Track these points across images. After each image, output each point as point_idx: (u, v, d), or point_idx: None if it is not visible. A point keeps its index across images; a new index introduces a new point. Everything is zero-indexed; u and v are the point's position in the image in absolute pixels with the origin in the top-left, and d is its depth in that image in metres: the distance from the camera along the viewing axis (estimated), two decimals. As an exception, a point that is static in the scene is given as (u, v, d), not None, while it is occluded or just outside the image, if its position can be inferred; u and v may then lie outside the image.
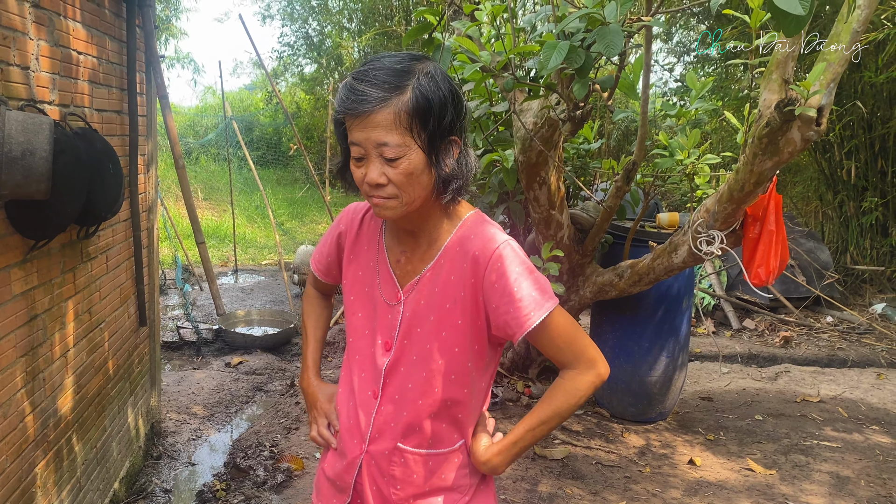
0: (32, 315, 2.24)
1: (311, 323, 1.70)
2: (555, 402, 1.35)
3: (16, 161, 1.78)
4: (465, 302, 1.34)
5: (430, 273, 1.37)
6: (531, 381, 4.49)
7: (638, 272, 3.58)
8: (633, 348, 3.98)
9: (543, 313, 1.29)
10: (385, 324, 1.42)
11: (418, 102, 1.21)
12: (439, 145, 1.25)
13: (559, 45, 2.15)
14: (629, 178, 3.41)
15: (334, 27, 15.85)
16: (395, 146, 1.21)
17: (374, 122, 1.20)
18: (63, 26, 2.42)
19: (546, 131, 3.23)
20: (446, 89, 1.25)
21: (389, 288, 1.42)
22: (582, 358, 1.34)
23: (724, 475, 3.49)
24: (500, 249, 1.30)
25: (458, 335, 1.35)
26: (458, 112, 1.27)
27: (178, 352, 5.56)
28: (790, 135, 2.58)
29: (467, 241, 1.34)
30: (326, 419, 1.56)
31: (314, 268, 1.63)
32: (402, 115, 1.20)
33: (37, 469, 2.31)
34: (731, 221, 3.07)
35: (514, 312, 1.29)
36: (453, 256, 1.35)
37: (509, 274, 1.29)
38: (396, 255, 1.43)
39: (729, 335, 6.14)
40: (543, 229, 3.73)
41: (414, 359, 1.38)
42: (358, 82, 1.21)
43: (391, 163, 1.22)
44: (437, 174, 1.27)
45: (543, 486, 3.34)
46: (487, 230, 1.35)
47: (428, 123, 1.22)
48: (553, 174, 3.52)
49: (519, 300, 1.29)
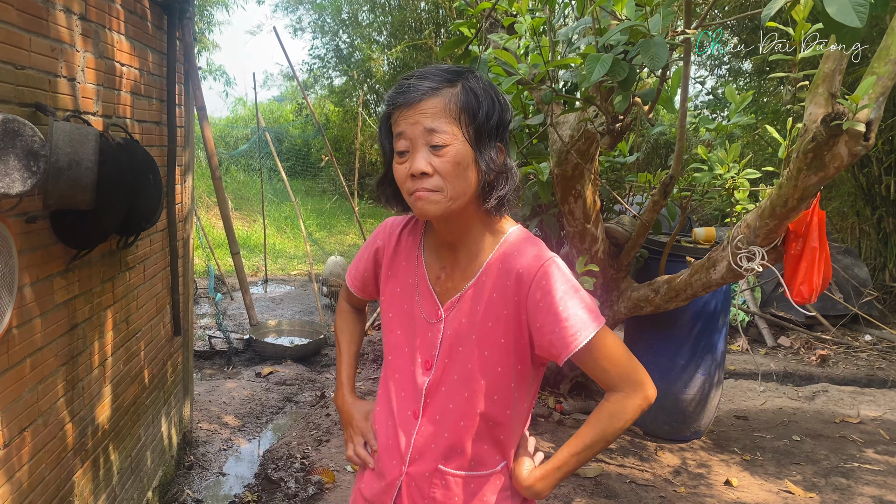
0: (73, 324, 2.26)
1: (344, 339, 1.67)
2: (600, 426, 1.31)
3: (62, 171, 1.80)
4: (509, 320, 1.30)
5: (471, 290, 1.34)
6: (563, 397, 4.43)
7: (675, 288, 3.52)
8: (667, 365, 3.92)
9: (590, 333, 1.25)
10: (425, 342, 1.39)
11: (468, 96, 1.22)
12: (486, 145, 1.24)
13: (602, 57, 2.12)
14: (666, 193, 3.36)
15: (364, 40, 15.97)
16: (443, 132, 1.21)
17: (423, 108, 1.21)
18: (108, 38, 2.45)
19: (583, 144, 3.20)
20: (494, 94, 1.26)
21: (429, 305, 1.39)
22: (629, 380, 1.29)
23: (763, 497, 3.40)
24: (546, 266, 1.26)
25: (501, 354, 1.32)
26: (503, 116, 1.27)
27: (210, 361, 5.59)
28: (837, 149, 2.52)
29: (511, 257, 1.30)
30: (363, 438, 1.52)
31: (350, 283, 1.60)
32: (451, 105, 1.21)
33: (74, 477, 2.32)
34: (772, 237, 3.01)
35: (559, 332, 1.25)
36: (496, 273, 1.31)
37: (555, 292, 1.25)
38: (436, 272, 1.40)
39: (763, 352, 6.02)
40: (578, 243, 3.69)
41: (455, 378, 1.35)
42: (409, 79, 1.25)
43: (437, 150, 1.21)
44: (482, 173, 1.25)
45: None
46: (532, 246, 1.31)
47: (476, 118, 1.22)
48: (589, 187, 3.49)
49: (565, 319, 1.24)
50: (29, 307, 1.93)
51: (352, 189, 9.83)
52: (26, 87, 1.85)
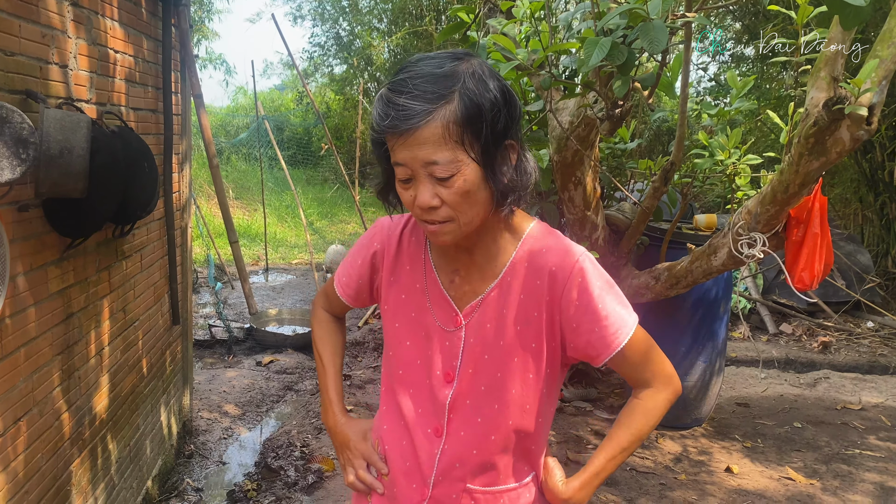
0: (68, 313, 2.25)
1: (327, 351, 1.49)
2: (634, 425, 1.24)
3: (54, 159, 1.78)
4: (540, 322, 1.21)
5: (494, 292, 1.23)
6: (563, 385, 4.42)
7: (675, 275, 3.50)
8: (668, 353, 3.82)
9: (630, 331, 1.19)
10: (443, 352, 1.26)
11: (468, 110, 1.05)
12: (495, 154, 1.10)
13: (601, 41, 2.09)
14: (667, 179, 3.33)
15: (364, 27, 15.89)
16: (447, 163, 1.06)
17: (420, 139, 1.05)
18: (101, 25, 2.42)
19: (582, 130, 3.17)
20: (496, 89, 1.09)
21: (445, 312, 1.27)
22: (660, 375, 1.24)
23: (764, 484, 3.40)
24: (581, 263, 1.18)
25: (533, 360, 1.22)
26: (511, 112, 1.11)
27: (210, 350, 5.59)
28: (839, 134, 2.49)
29: (539, 255, 1.20)
30: (365, 460, 1.38)
31: (341, 292, 1.43)
32: (451, 128, 1.04)
33: (72, 467, 2.31)
34: (773, 224, 2.99)
35: (599, 332, 1.18)
36: (522, 272, 1.21)
37: (592, 289, 1.17)
38: (449, 275, 1.28)
39: (765, 339, 6.00)
40: (578, 230, 3.67)
41: (482, 389, 1.24)
42: (397, 95, 1.05)
43: (444, 182, 1.08)
44: (495, 188, 1.11)
45: (577, 492, 3.28)
46: (561, 242, 1.22)
47: (481, 132, 1.07)
48: (589, 174, 3.46)
49: (604, 318, 1.17)
50: (22, 296, 1.91)
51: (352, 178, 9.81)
52: (16, 73, 1.83)
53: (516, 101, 1.13)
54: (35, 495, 2.04)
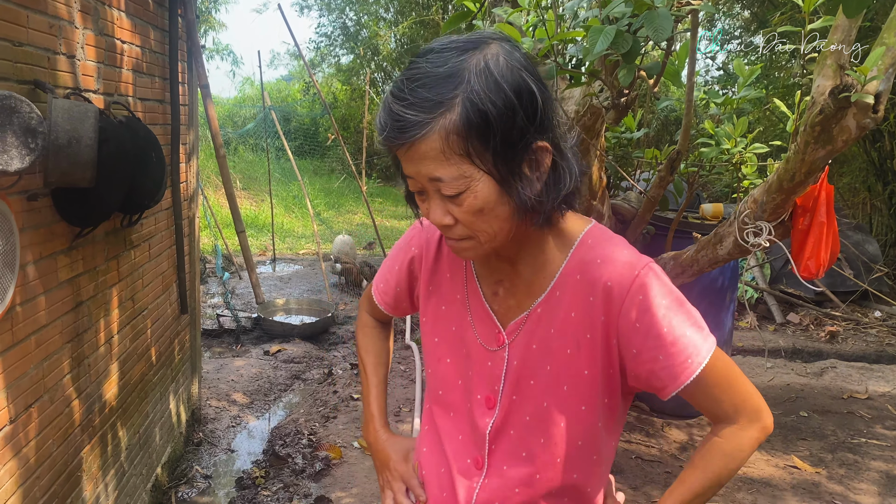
0: (78, 302, 2.27)
1: (370, 360, 1.38)
2: (711, 468, 1.05)
3: (62, 149, 1.80)
4: (594, 346, 1.04)
5: (541, 309, 1.07)
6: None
7: (681, 264, 3.50)
8: (674, 341, 3.91)
9: (704, 359, 1.00)
10: (484, 374, 1.12)
11: (470, 118, 0.88)
12: (515, 162, 0.93)
13: (605, 29, 2.09)
14: (673, 168, 3.33)
15: (371, 17, 15.86)
16: (452, 180, 0.92)
17: (419, 153, 0.91)
18: (108, 15, 2.44)
19: (588, 119, 3.17)
20: (512, 83, 0.90)
21: (487, 328, 1.12)
22: (744, 409, 1.04)
23: (769, 472, 3.41)
24: (643, 276, 1.00)
25: (585, 389, 1.05)
26: (534, 109, 0.92)
27: (218, 339, 5.63)
28: (845, 122, 2.48)
29: (593, 266, 1.03)
30: (404, 484, 1.26)
31: (379, 300, 1.32)
32: (451, 140, 0.89)
33: (82, 454, 2.35)
34: (779, 212, 2.98)
35: (665, 360, 1.00)
36: (573, 287, 1.05)
37: (656, 309, 0.99)
38: (492, 287, 1.13)
39: (772, 329, 6.00)
40: (584, 220, 3.67)
41: (527, 420, 1.09)
42: (395, 101, 0.91)
43: (453, 199, 0.94)
44: (517, 201, 0.95)
45: (582, 480, 3.30)
46: (620, 251, 1.04)
47: (489, 141, 0.90)
48: (595, 164, 3.46)
49: (671, 343, 0.99)
50: (32, 285, 1.94)
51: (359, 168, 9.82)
52: (25, 63, 1.84)
53: (545, 96, 0.94)
54: (46, 481, 2.07)
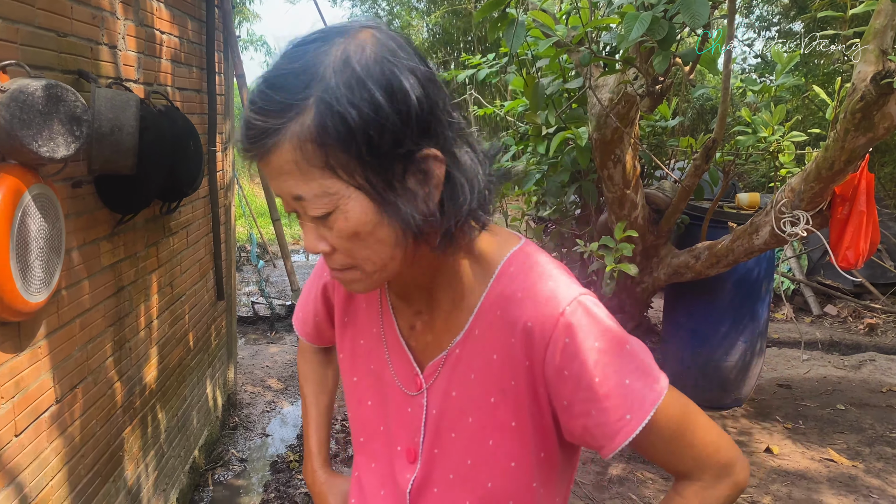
0: (119, 287, 2.33)
1: (310, 388, 1.23)
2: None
3: (105, 136, 1.84)
4: (520, 394, 0.85)
5: (459, 349, 0.89)
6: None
7: (716, 254, 3.47)
8: (708, 333, 3.87)
9: (648, 412, 0.80)
10: (403, 422, 0.95)
11: (325, 123, 0.70)
12: (394, 174, 0.74)
13: (641, 15, 2.08)
14: (708, 157, 3.29)
15: (403, 6, 15.87)
16: (315, 198, 0.74)
17: (274, 167, 0.73)
18: (148, 6, 2.48)
19: (622, 107, 3.14)
20: (380, 79, 0.71)
21: (404, 368, 0.94)
22: (709, 464, 0.85)
23: (805, 465, 3.37)
24: (568, 316, 0.80)
25: (513, 444, 0.87)
26: (409, 111, 0.72)
27: (253, 326, 5.72)
28: (887, 109, 2.43)
29: (513, 302, 0.84)
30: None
31: (299, 329, 1.17)
32: (307, 150, 0.71)
33: (124, 434, 2.41)
34: (818, 201, 2.93)
35: (598, 416, 0.81)
36: (494, 325, 0.86)
37: (586, 354, 0.80)
38: (409, 319, 0.95)
39: (809, 321, 5.90)
40: (617, 209, 3.65)
41: (450, 478, 0.91)
42: (249, 105, 0.75)
43: (324, 222, 0.76)
44: (401, 223, 0.76)
45: (614, 470, 3.30)
46: (543, 283, 0.83)
47: (353, 151, 0.71)
48: (629, 152, 3.43)
49: (605, 396, 0.80)
50: (77, 269, 1.99)
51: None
52: (69, 54, 1.89)
53: (431, 95, 0.75)
54: (90, 459, 2.14)
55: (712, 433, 0.86)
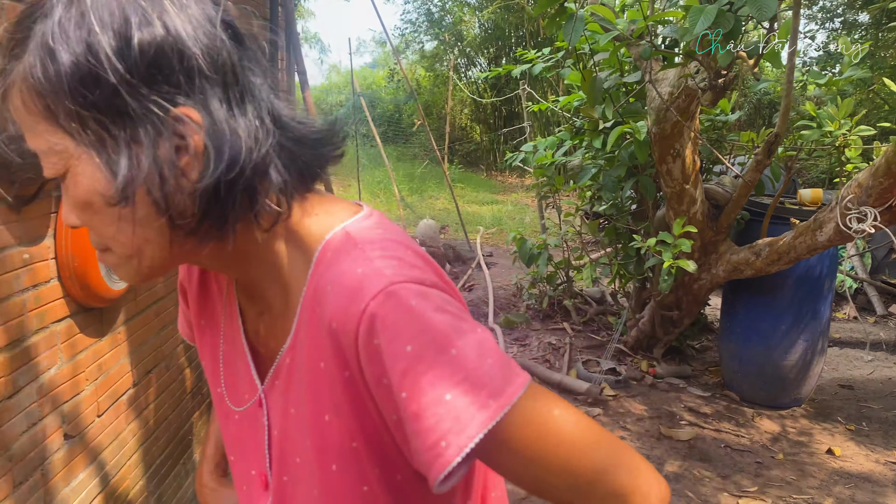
0: (190, 276, 2.42)
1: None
2: None
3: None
4: (351, 410, 0.69)
5: (290, 358, 0.75)
6: (656, 361, 4.38)
7: (777, 250, 3.40)
8: (767, 330, 3.80)
9: (471, 437, 0.61)
10: (254, 441, 0.82)
11: (44, 64, 0.59)
12: (131, 135, 0.61)
13: (706, 9, 2.06)
14: (770, 152, 3.23)
15: (456, 2, 15.89)
16: (44, 155, 0.64)
17: (13, 117, 0.64)
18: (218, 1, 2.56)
19: (682, 101, 3.11)
20: (114, 16, 0.59)
21: (247, 381, 0.82)
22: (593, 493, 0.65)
23: (868, 467, 3.28)
24: (371, 311, 0.63)
25: (360, 466, 0.71)
26: (169, 57, 0.60)
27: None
28: (962, 102, 2.36)
29: (325, 296, 0.68)
30: None
31: (183, 333, 1.02)
32: (28, 97, 0.61)
33: (192, 418, 2.51)
34: (886, 197, 2.86)
35: (415, 441, 0.63)
36: (315, 326, 0.70)
37: (394, 361, 0.62)
38: (254, 321, 0.82)
39: (872, 321, 5.73)
40: (675, 204, 3.62)
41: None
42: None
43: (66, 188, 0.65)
44: (145, 198, 0.62)
45: (670, 467, 3.27)
46: (353, 268, 0.67)
47: (78, 100, 0.60)
48: (688, 147, 3.39)
49: (415, 417, 0.62)
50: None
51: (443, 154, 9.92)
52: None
53: (209, 42, 0.62)
54: (163, 442, 2.23)
55: (595, 453, 0.65)
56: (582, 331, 4.98)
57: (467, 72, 16.22)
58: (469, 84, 15.72)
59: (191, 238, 0.66)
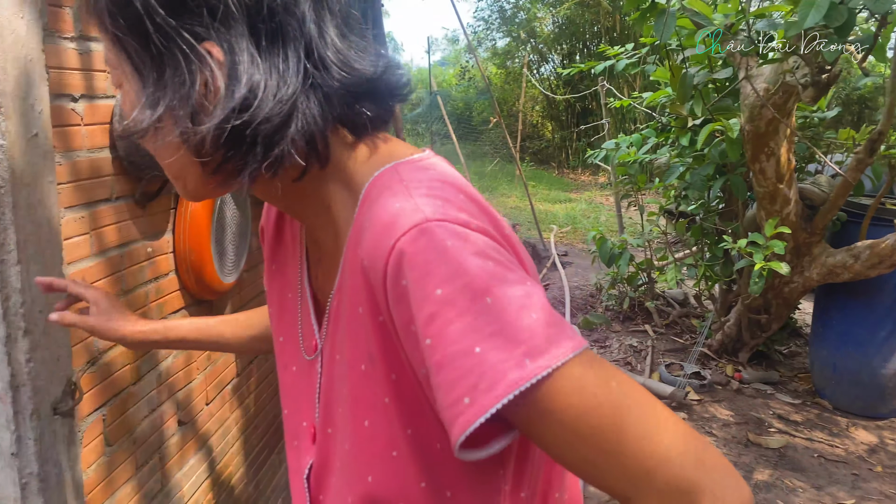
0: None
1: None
2: None
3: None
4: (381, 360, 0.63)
5: (336, 301, 0.70)
6: (741, 366, 4.26)
7: (879, 254, 3.26)
8: (864, 337, 3.64)
9: (499, 397, 0.53)
10: (307, 392, 0.79)
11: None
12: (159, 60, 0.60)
13: (817, 1, 1.98)
14: (873, 150, 3.09)
15: (529, -1, 15.80)
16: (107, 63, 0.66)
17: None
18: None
19: (779, 98, 3.01)
20: None
21: (308, 327, 0.79)
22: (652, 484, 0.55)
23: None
24: (402, 247, 0.57)
25: (389, 428, 0.65)
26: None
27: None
28: None
29: (361, 233, 0.63)
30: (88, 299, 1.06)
31: None
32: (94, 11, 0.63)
33: (286, 409, 2.57)
34: None
35: (438, 392, 0.56)
36: (354, 266, 0.64)
37: (423, 303, 0.56)
38: (315, 267, 0.80)
39: (975, 330, 5.41)
40: (768, 204, 3.50)
41: (338, 466, 0.72)
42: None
43: None
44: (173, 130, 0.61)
45: (760, 475, 3.17)
46: (390, 204, 0.60)
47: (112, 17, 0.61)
48: (783, 145, 3.28)
49: (438, 367, 0.55)
50: (255, 253, 2.15)
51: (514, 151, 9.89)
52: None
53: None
54: (261, 430, 2.30)
55: (659, 437, 0.54)
56: (664, 333, 4.88)
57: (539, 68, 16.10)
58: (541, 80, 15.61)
59: (217, 176, 0.64)
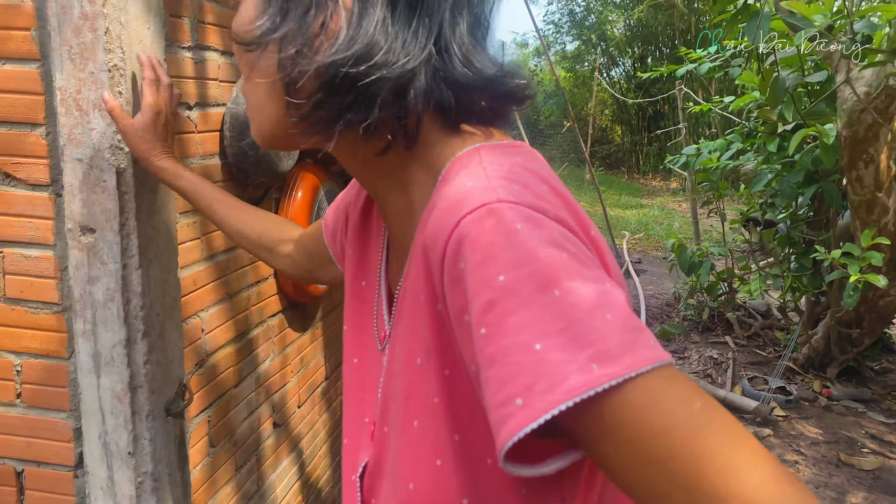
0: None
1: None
2: None
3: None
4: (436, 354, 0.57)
5: (402, 291, 0.65)
6: (830, 382, 4.08)
7: None
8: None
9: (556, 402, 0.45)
10: (372, 387, 0.73)
11: None
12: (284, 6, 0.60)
13: (936, 2, 1.87)
14: (984, 157, 2.92)
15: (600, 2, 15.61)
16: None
17: None
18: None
19: (881, 102, 2.87)
20: None
21: (381, 317, 0.74)
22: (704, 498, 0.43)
23: None
24: (467, 226, 0.51)
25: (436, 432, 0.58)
26: None
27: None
28: None
29: (430, 214, 0.57)
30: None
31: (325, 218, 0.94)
32: None
33: (368, 413, 2.59)
34: None
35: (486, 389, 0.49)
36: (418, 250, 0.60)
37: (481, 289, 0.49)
38: (392, 250, 0.75)
39: None
40: (864, 214, 3.34)
41: (388, 470, 0.66)
42: None
43: None
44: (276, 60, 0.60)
45: (853, 498, 3.03)
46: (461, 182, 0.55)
47: None
48: (884, 151, 3.13)
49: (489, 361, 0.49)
50: (345, 258, 2.17)
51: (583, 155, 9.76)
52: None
53: None
54: (345, 434, 2.32)
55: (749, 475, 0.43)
56: (746, 346, 4.72)
57: (609, 72, 15.88)
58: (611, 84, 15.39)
59: (302, 123, 0.61)
